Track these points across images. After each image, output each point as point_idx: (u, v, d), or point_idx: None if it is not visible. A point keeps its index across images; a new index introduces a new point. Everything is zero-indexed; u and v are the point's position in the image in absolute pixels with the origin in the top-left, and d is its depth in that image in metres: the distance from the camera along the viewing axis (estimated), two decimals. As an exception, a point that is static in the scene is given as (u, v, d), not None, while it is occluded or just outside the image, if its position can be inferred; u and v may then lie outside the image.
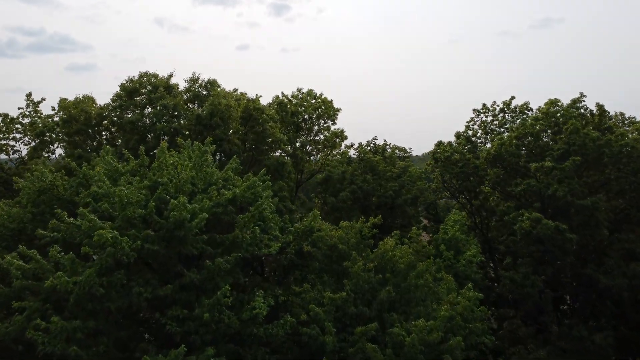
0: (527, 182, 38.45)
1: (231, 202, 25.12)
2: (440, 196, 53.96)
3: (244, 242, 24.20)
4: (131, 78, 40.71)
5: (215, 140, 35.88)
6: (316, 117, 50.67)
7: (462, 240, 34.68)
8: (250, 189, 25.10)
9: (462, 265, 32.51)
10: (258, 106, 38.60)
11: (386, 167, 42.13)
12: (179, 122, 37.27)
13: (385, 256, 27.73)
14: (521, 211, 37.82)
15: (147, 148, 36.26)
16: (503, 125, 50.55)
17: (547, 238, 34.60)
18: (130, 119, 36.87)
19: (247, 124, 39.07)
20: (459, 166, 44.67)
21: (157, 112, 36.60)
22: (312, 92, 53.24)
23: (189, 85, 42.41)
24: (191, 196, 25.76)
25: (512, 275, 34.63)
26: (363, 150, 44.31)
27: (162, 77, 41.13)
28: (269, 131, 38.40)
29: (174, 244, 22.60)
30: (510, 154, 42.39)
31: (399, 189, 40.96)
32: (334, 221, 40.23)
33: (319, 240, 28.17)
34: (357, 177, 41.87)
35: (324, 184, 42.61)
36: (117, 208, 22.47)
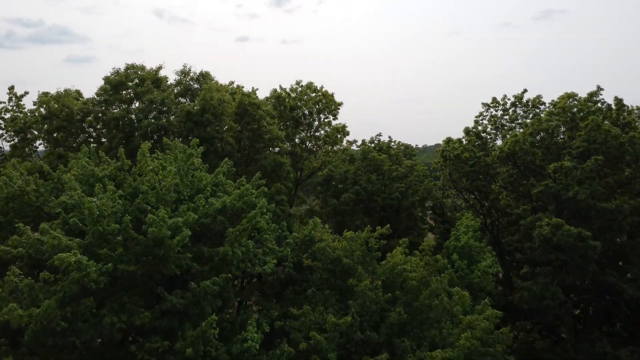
0: (545, 184, 35.19)
1: (221, 212, 21.90)
2: (447, 194, 50.82)
3: (235, 259, 21.01)
4: (117, 70, 37.36)
5: (207, 139, 32.66)
6: (316, 112, 47.36)
7: (475, 248, 31.48)
8: (242, 197, 21.84)
9: (477, 277, 29.34)
10: (254, 101, 35.26)
11: (392, 167, 38.86)
12: (168, 119, 33.93)
13: (394, 270, 24.57)
14: (539, 215, 34.64)
15: (133, 147, 33.00)
16: (515, 120, 47.27)
17: (568, 246, 31.45)
18: (115, 115, 33.52)
19: (242, 120, 35.75)
20: (469, 164, 41.44)
21: (143, 107, 33.23)
22: (312, 85, 49.84)
23: (180, 77, 39.08)
24: (176, 205, 22.58)
25: (530, 286, 31.48)
26: (367, 148, 41.00)
27: (150, 69, 37.76)
28: (266, 128, 35.09)
29: (153, 263, 19.40)
30: (524, 152, 39.10)
31: (406, 190, 37.71)
32: (336, 225, 37.08)
33: (320, 253, 25.00)
34: (361, 177, 38.63)
35: (325, 184, 39.36)
36: (88, 222, 19.23)
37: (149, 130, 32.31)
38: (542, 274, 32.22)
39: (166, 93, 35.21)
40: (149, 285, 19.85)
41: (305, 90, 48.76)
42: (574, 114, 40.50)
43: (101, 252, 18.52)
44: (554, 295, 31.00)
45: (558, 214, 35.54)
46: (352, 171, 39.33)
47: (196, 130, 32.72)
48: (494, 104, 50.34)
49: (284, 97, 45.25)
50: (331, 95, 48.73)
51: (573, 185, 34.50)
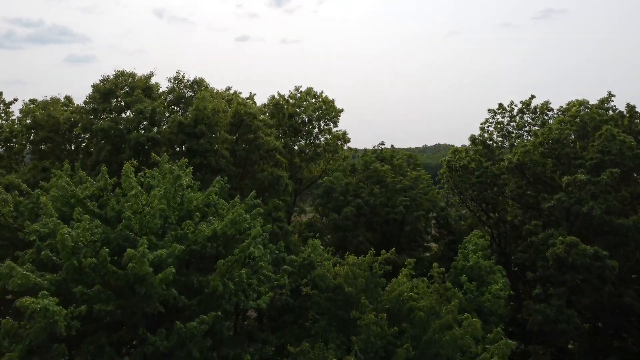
0: (557, 198, 33.10)
1: (211, 239, 19.83)
2: (450, 202, 48.74)
3: (227, 292, 18.95)
4: (106, 77, 35.27)
5: (200, 152, 30.58)
6: (316, 119, 45.28)
7: (485, 268, 29.41)
8: (234, 224, 19.76)
9: (488, 301, 27.27)
10: (250, 110, 33.16)
11: (395, 179, 36.76)
12: (159, 130, 31.82)
13: (400, 298, 22.52)
14: (551, 231, 32.57)
15: (122, 160, 30.91)
16: (522, 127, 45.18)
17: (584, 266, 29.40)
18: (102, 126, 31.42)
19: (237, 130, 33.66)
20: (476, 175, 39.38)
21: (132, 118, 31.13)
22: (311, 90, 47.71)
23: (173, 85, 36.95)
24: (163, 231, 20.53)
25: (544, 309, 29.40)
26: (369, 158, 38.88)
27: (141, 76, 35.66)
28: (262, 139, 32.99)
29: (134, 300, 17.35)
30: (534, 162, 37.06)
31: (410, 203, 35.61)
32: (337, 241, 35.01)
33: (320, 280, 22.92)
34: (363, 189, 36.54)
35: (325, 196, 37.26)
36: (62, 255, 17.18)
37: (137, 143, 30.17)
38: (555, 295, 30.13)
39: (157, 102, 33.13)
40: (131, 324, 17.80)
41: (304, 96, 46.66)
42: (585, 122, 38.43)
43: (75, 290, 16.46)
44: (569, 319, 28.94)
45: (571, 229, 33.50)
46: (353, 183, 37.24)
47: (188, 142, 30.65)
48: (500, 110, 48.24)
49: (282, 105, 43.16)
50: (331, 102, 46.64)
51: (587, 199, 32.43)
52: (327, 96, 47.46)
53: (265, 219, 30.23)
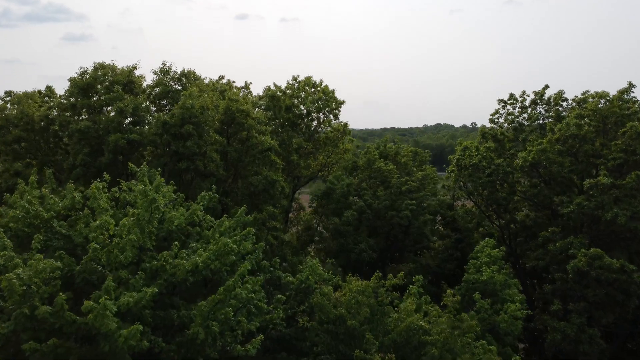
0: (578, 203, 30.16)
1: (192, 273, 16.94)
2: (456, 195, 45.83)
3: (210, 336, 16.14)
4: (84, 70, 31.94)
5: (187, 155, 27.52)
6: (315, 110, 42.08)
7: (500, 283, 26.63)
8: (219, 256, 16.83)
9: (504, 322, 24.54)
10: (242, 107, 29.96)
11: (401, 179, 33.71)
12: (141, 130, 28.68)
13: (409, 329, 19.74)
14: (570, 239, 29.72)
15: (100, 165, 27.91)
16: (536, 120, 41.96)
17: (609, 281, 26.64)
18: (79, 127, 28.27)
19: (228, 129, 30.53)
20: (486, 174, 36.38)
21: (111, 118, 27.96)
22: (310, 80, 44.36)
23: (159, 77, 33.66)
24: (138, 261, 17.63)
25: (563, 328, 26.71)
26: (371, 156, 35.73)
27: (122, 69, 32.33)
28: (256, 139, 29.88)
29: (100, 352, 14.52)
30: (551, 161, 34.02)
31: (418, 207, 32.66)
32: (338, 248, 32.15)
33: (319, 310, 20.11)
34: (365, 191, 33.53)
35: (325, 197, 34.29)
36: (9, 301, 14.31)
37: (115, 146, 27.04)
38: (575, 311, 27.43)
39: (140, 99, 29.89)
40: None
41: (302, 86, 43.36)
42: (605, 117, 35.22)
43: (25, 347, 13.61)
44: (591, 339, 26.29)
45: (591, 236, 30.63)
46: (355, 183, 34.22)
47: (174, 145, 27.52)
48: (511, 101, 45.03)
49: (279, 96, 39.91)
50: (332, 92, 43.36)
51: (610, 204, 29.54)
52: (327, 85, 44.20)
53: (259, 229, 27.39)
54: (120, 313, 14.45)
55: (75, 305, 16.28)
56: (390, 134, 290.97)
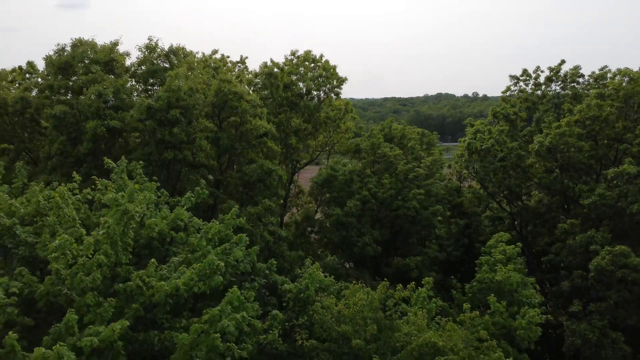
0: (600, 194, 27.61)
1: (173, 296, 14.52)
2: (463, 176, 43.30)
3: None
4: (62, 47, 28.94)
5: (174, 144, 24.82)
6: (315, 87, 39.05)
7: (517, 282, 24.30)
8: (203, 277, 14.36)
9: (522, 327, 22.30)
10: (235, 89, 27.07)
11: (408, 165, 31.03)
12: (122, 116, 25.86)
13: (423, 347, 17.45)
14: (590, 232, 27.29)
15: (78, 155, 25.25)
16: (552, 99, 38.96)
17: (636, 280, 24.31)
18: (54, 112, 25.44)
19: (220, 112, 27.72)
20: (498, 158, 33.71)
21: (89, 103, 25.10)
22: (309, 55, 41.12)
23: (145, 55, 30.59)
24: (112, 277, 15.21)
25: (584, 331, 24.52)
26: (376, 140, 32.91)
27: (104, 45, 29.30)
28: (250, 124, 27.11)
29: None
30: (569, 145, 31.30)
31: (426, 194, 30.10)
32: (340, 241, 29.71)
33: (319, 327, 17.79)
34: (370, 179, 30.92)
35: (326, 184, 31.70)
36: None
37: (93, 134, 24.28)
38: (597, 312, 25.22)
39: (121, 80, 26.97)
40: None
41: (301, 62, 40.24)
42: (629, 97, 32.33)
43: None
44: (614, 343, 24.14)
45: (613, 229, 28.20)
46: (358, 169, 31.57)
47: (159, 132, 24.76)
48: (524, 77, 41.97)
49: (277, 74, 36.87)
50: (333, 68, 40.25)
51: (635, 195, 27.00)
52: (328, 61, 41.04)
53: (254, 225, 24.92)
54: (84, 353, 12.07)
55: (37, 334, 13.96)
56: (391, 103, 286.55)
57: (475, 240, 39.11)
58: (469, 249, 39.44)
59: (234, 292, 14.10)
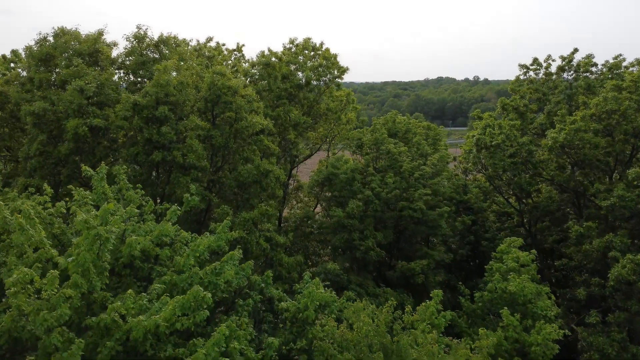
0: (620, 195, 25.67)
1: (153, 333, 12.66)
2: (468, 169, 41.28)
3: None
4: (44, 37, 26.76)
5: (163, 144, 22.82)
6: (315, 78, 36.88)
7: (530, 294, 22.50)
8: (187, 311, 12.50)
9: (537, 344, 20.55)
10: (229, 83, 24.96)
11: (414, 163, 29.02)
12: (105, 114, 23.79)
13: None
14: (609, 236, 25.42)
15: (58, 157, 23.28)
16: (564, 90, 36.73)
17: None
18: (33, 109, 23.36)
19: (214, 108, 25.64)
20: (508, 154, 31.66)
21: (69, 99, 23.01)
22: (309, 43, 38.87)
23: (133, 45, 28.38)
24: (86, 306, 13.36)
25: (602, 345, 22.80)
26: (380, 136, 30.77)
27: (88, 35, 27.10)
28: (246, 121, 25.05)
29: None
30: (585, 142, 29.25)
31: (433, 194, 28.16)
32: (343, 244, 27.84)
33: (319, 353, 16.01)
34: (373, 178, 28.96)
35: (327, 182, 29.74)
36: None
37: (74, 134, 22.23)
38: (615, 324, 23.48)
39: (106, 74, 24.84)
40: None
41: (301, 50, 38.02)
42: None
43: None
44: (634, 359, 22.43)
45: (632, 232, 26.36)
46: (360, 167, 29.57)
47: (146, 131, 22.71)
48: (534, 67, 39.74)
49: (274, 64, 34.67)
50: (334, 57, 38.04)
51: (658, 196, 25.09)
52: (329, 49, 38.84)
53: (249, 231, 23.05)
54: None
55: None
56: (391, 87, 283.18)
57: (481, 237, 37.33)
58: (475, 246, 37.68)
59: (222, 331, 12.23)
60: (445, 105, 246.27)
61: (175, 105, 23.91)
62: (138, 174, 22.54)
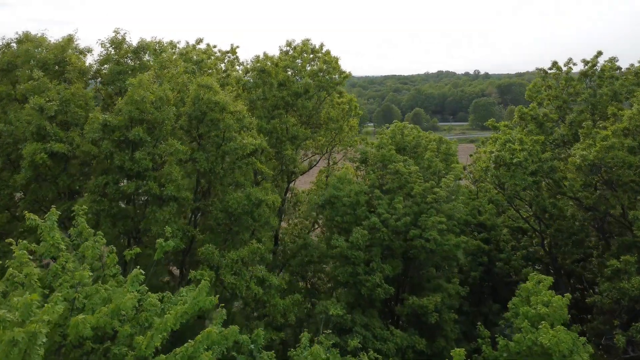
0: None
1: None
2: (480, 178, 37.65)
3: None
4: (7, 43, 23.14)
5: (138, 173, 19.27)
6: (314, 85, 33.13)
7: (566, 350, 19.02)
8: None
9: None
10: (215, 98, 21.32)
11: (426, 185, 25.42)
12: (69, 136, 20.15)
13: None
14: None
15: (14, 186, 19.66)
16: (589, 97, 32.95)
17: None
18: (-15, 130, 19.73)
19: (198, 127, 22.03)
20: (529, 172, 28.09)
21: (27, 119, 19.37)
22: (307, 44, 35.05)
23: (108, 52, 24.73)
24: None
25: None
26: (387, 153, 27.10)
27: (57, 43, 23.46)
28: (236, 141, 21.46)
29: None
30: (617, 160, 25.68)
31: (448, 224, 24.61)
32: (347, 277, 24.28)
33: None
34: (380, 201, 25.40)
35: (328, 205, 26.15)
36: None
37: (31, 161, 18.64)
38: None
39: (73, 88, 21.19)
40: None
41: (299, 53, 34.28)
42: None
43: None
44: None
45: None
46: (365, 190, 25.96)
47: (118, 157, 19.10)
48: (554, 71, 36.00)
49: (270, 70, 30.99)
50: (335, 61, 34.31)
51: None
52: (329, 51, 35.14)
53: (238, 273, 19.56)
54: None
55: None
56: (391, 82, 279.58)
57: (495, 257, 33.92)
58: (487, 267, 34.28)
59: None
60: (445, 100, 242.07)
61: (153, 124, 20.31)
62: (107, 207, 18.98)
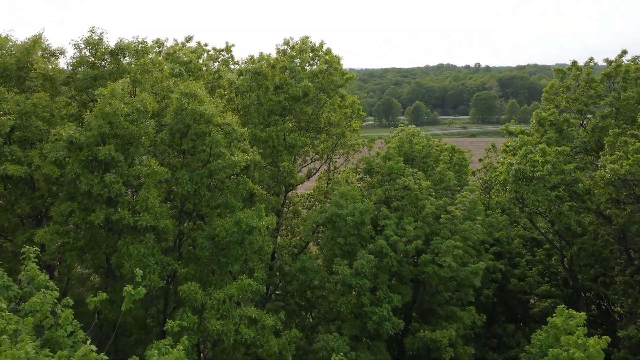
0: None
1: None
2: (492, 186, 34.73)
3: None
4: (-35, 45, 20.08)
5: (108, 199, 16.40)
6: (314, 87, 30.06)
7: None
8: None
9: None
10: (201, 109, 18.35)
11: (439, 202, 22.50)
12: (30, 159, 17.20)
13: None
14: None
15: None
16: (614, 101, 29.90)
17: None
18: None
19: (181, 142, 19.09)
20: (551, 185, 25.23)
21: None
22: (307, 42, 31.91)
23: (83, 54, 21.70)
24: None
25: None
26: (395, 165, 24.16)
27: (23, 43, 20.45)
28: (224, 158, 18.53)
29: None
30: (651, 176, 22.77)
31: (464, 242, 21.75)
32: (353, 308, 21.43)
33: None
34: (387, 222, 22.49)
35: (330, 225, 23.23)
36: None
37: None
38: None
39: (34, 97, 18.18)
40: None
41: (298, 53, 31.18)
42: None
43: None
44: None
45: None
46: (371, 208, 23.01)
47: (85, 181, 16.17)
48: (573, 71, 32.97)
49: (266, 73, 27.99)
50: (337, 61, 31.24)
51: None
52: (330, 49, 32.08)
53: (227, 313, 16.72)
54: None
55: None
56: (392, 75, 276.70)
57: (509, 272, 31.17)
58: (501, 283, 31.53)
59: None
60: (446, 93, 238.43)
61: (128, 140, 17.38)
62: (72, 239, 16.09)
